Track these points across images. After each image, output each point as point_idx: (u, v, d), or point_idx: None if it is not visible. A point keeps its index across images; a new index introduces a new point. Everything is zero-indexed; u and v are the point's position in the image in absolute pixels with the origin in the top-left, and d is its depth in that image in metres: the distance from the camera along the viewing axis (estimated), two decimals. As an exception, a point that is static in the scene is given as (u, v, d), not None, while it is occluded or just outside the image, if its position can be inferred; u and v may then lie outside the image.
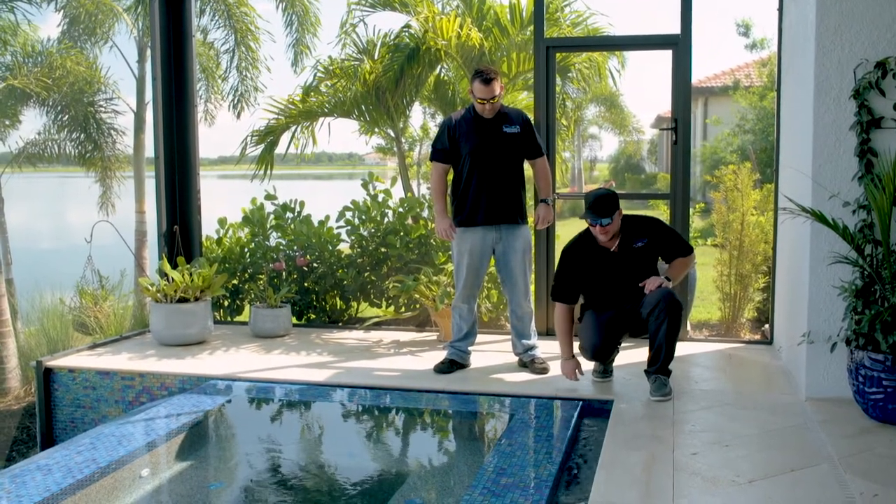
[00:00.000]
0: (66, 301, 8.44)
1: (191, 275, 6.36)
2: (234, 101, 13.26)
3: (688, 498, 3.42)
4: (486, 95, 5.23)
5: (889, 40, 4.54)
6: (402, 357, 5.92)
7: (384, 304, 7.25)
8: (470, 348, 5.61)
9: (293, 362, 5.79)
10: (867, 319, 4.27)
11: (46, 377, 5.70)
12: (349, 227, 7.27)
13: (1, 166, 12.70)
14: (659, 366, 4.83)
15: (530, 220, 5.81)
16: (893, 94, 4.53)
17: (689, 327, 6.60)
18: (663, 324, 4.75)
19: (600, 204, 4.79)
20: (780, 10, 5.85)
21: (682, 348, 5.15)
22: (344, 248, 7.39)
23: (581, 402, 4.77)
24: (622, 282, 5.00)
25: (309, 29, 13.10)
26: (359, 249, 7.26)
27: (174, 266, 6.63)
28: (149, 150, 13.00)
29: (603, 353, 5.08)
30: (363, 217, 7.23)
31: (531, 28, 7.41)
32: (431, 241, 6.99)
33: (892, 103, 4.53)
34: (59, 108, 12.55)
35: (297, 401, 5.18)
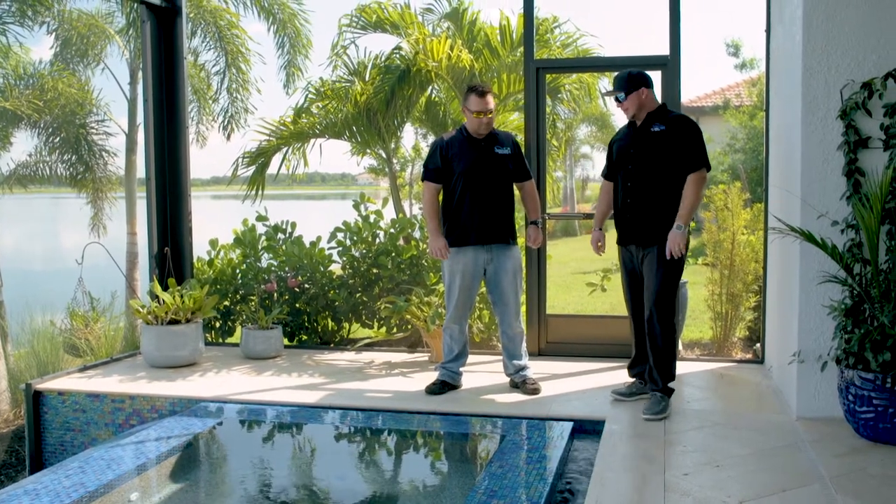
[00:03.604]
0: (57, 323, 8.38)
1: (182, 296, 6.35)
2: (225, 122, 13.29)
3: (679, 519, 3.41)
4: (482, 108, 5.27)
5: (874, 62, 4.59)
6: (394, 378, 5.90)
7: (376, 325, 7.24)
8: (461, 369, 5.60)
9: (284, 384, 5.77)
10: (857, 338, 4.28)
11: (36, 400, 5.66)
12: (341, 248, 7.26)
13: (-8, 188, 12.70)
14: (656, 379, 4.92)
15: (520, 240, 5.82)
16: (880, 115, 4.56)
17: (680, 346, 6.60)
18: (656, 336, 4.87)
19: (617, 78, 5.02)
20: (768, 31, 5.91)
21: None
22: (335, 269, 7.39)
23: (572, 423, 4.76)
24: (635, 164, 4.99)
25: (300, 51, 13.16)
26: (350, 270, 7.26)
27: (165, 288, 6.62)
28: (140, 172, 13.01)
29: (634, 298, 5.15)
30: (354, 238, 7.23)
31: (521, 49, 7.47)
32: (423, 261, 6.99)
33: (879, 123, 4.57)
34: (50, 129, 12.56)
35: (289, 423, 5.15)
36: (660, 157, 4.89)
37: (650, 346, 4.96)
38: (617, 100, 4.98)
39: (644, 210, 4.94)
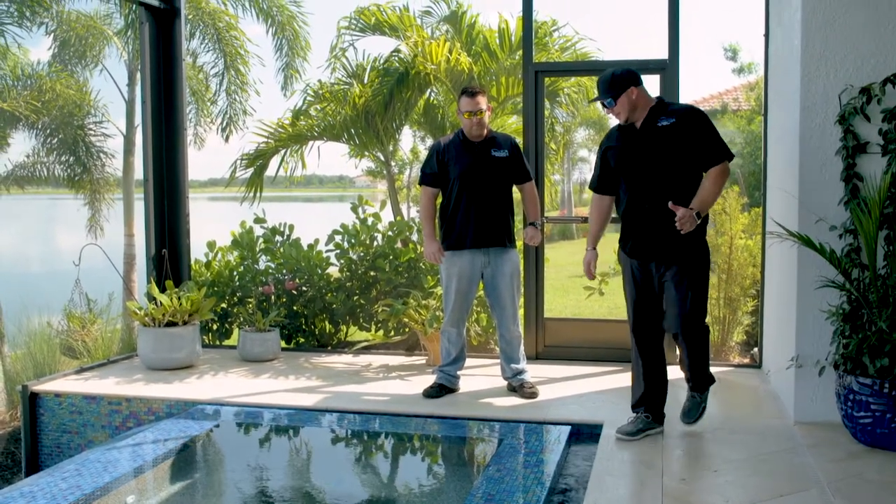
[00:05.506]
0: (54, 324, 8.38)
1: (179, 298, 6.33)
2: (223, 124, 13.29)
3: (677, 524, 3.41)
4: (471, 108, 5.27)
5: (873, 66, 4.59)
6: (391, 381, 5.89)
7: (373, 327, 7.23)
8: (459, 372, 5.59)
9: (281, 387, 5.76)
10: (855, 343, 4.28)
11: (32, 402, 5.65)
12: (338, 251, 7.25)
13: (-11, 188, 12.69)
14: (693, 384, 4.69)
15: (519, 243, 5.81)
16: (878, 120, 4.56)
17: (677, 351, 6.58)
18: (684, 350, 4.61)
19: (600, 82, 4.42)
20: (767, 35, 5.91)
21: (670, 372, 5.07)
22: (333, 271, 7.38)
23: (570, 427, 4.75)
24: (646, 165, 4.39)
25: (299, 53, 13.17)
26: (348, 273, 7.24)
27: (162, 289, 6.61)
28: (138, 173, 13.00)
29: (644, 316, 4.60)
30: (352, 241, 7.21)
31: (520, 53, 7.46)
32: (420, 264, 6.98)
33: (877, 128, 4.57)
34: (48, 130, 12.55)
35: (286, 426, 5.14)
36: (673, 154, 4.32)
37: (685, 362, 4.68)
38: (605, 105, 4.43)
39: (664, 218, 4.31)
